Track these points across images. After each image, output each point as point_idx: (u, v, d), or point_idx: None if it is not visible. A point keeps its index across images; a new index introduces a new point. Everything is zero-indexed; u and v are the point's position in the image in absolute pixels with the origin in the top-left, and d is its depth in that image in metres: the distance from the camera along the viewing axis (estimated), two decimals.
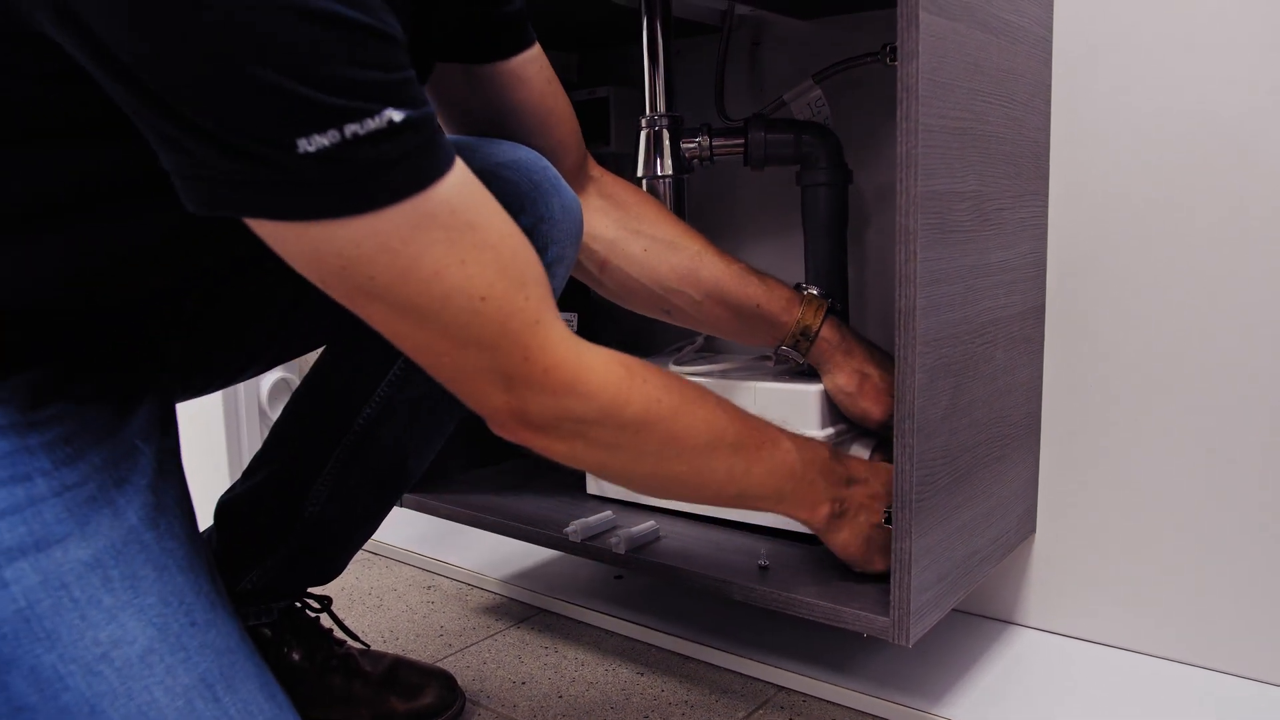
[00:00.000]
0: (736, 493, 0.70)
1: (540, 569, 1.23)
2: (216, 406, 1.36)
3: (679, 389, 0.63)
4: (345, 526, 0.82)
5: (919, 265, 0.70)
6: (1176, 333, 0.90)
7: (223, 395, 1.36)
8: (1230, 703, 0.86)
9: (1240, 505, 0.89)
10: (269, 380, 1.44)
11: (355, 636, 0.90)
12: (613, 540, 0.91)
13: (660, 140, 1.00)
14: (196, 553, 0.60)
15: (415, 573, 1.28)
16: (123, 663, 0.52)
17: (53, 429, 0.57)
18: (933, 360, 0.73)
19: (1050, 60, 0.93)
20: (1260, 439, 0.87)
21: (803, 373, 0.96)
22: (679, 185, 1.01)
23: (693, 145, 1.02)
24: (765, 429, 0.71)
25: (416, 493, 1.11)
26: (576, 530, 0.94)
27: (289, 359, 0.79)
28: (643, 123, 1.02)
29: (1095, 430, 0.96)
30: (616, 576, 1.20)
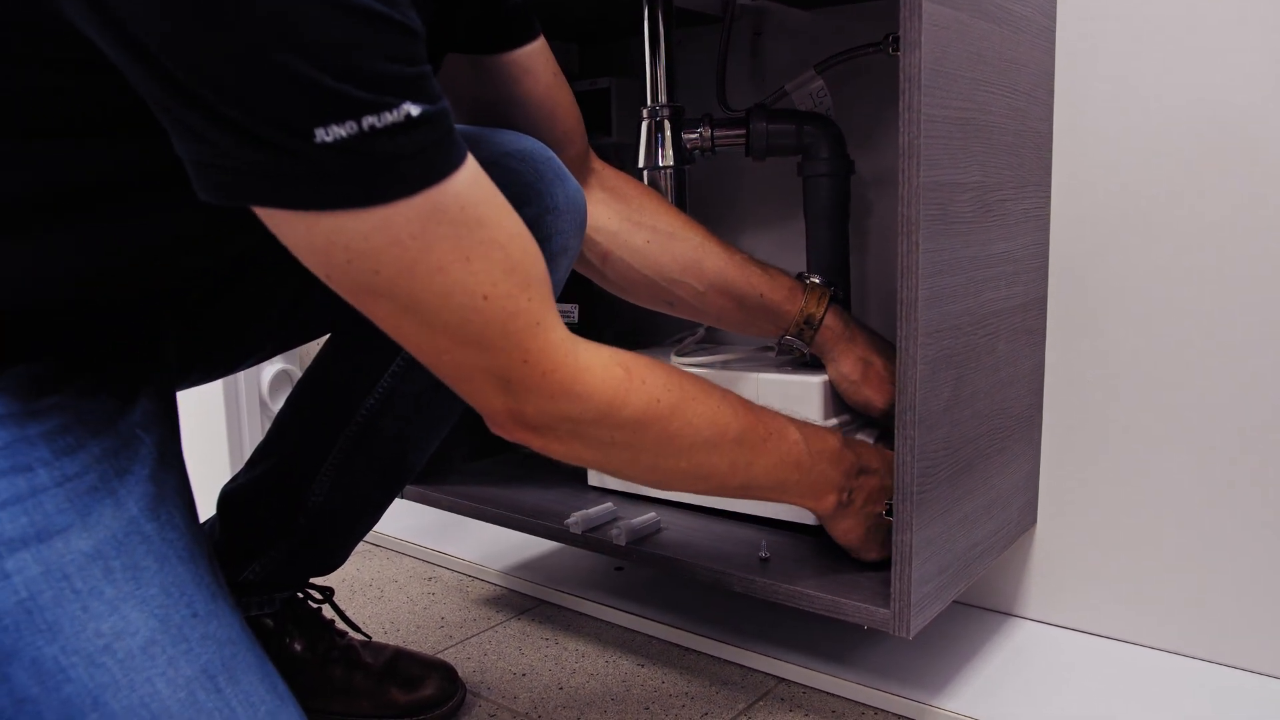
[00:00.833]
0: (740, 485, 0.70)
1: (541, 560, 1.23)
2: (217, 397, 1.36)
3: (680, 386, 0.63)
4: (348, 517, 0.82)
5: (921, 256, 0.70)
6: (1179, 327, 0.90)
7: (223, 386, 1.36)
8: (1229, 695, 0.86)
9: (1241, 500, 0.88)
10: (269, 371, 1.44)
11: (357, 628, 0.90)
12: (614, 532, 0.91)
13: (662, 131, 1.00)
14: (197, 543, 0.60)
15: (416, 564, 1.28)
16: (125, 654, 0.52)
17: (52, 419, 0.57)
18: (935, 352, 0.73)
19: (1053, 50, 0.93)
20: (1263, 435, 0.87)
21: (805, 364, 0.96)
22: (680, 176, 1.01)
23: (694, 136, 1.02)
24: (771, 420, 0.71)
25: (417, 484, 1.11)
26: (577, 522, 0.94)
27: (291, 348, 0.79)
28: (644, 113, 1.01)
29: (1097, 423, 0.96)
30: (617, 568, 1.20)
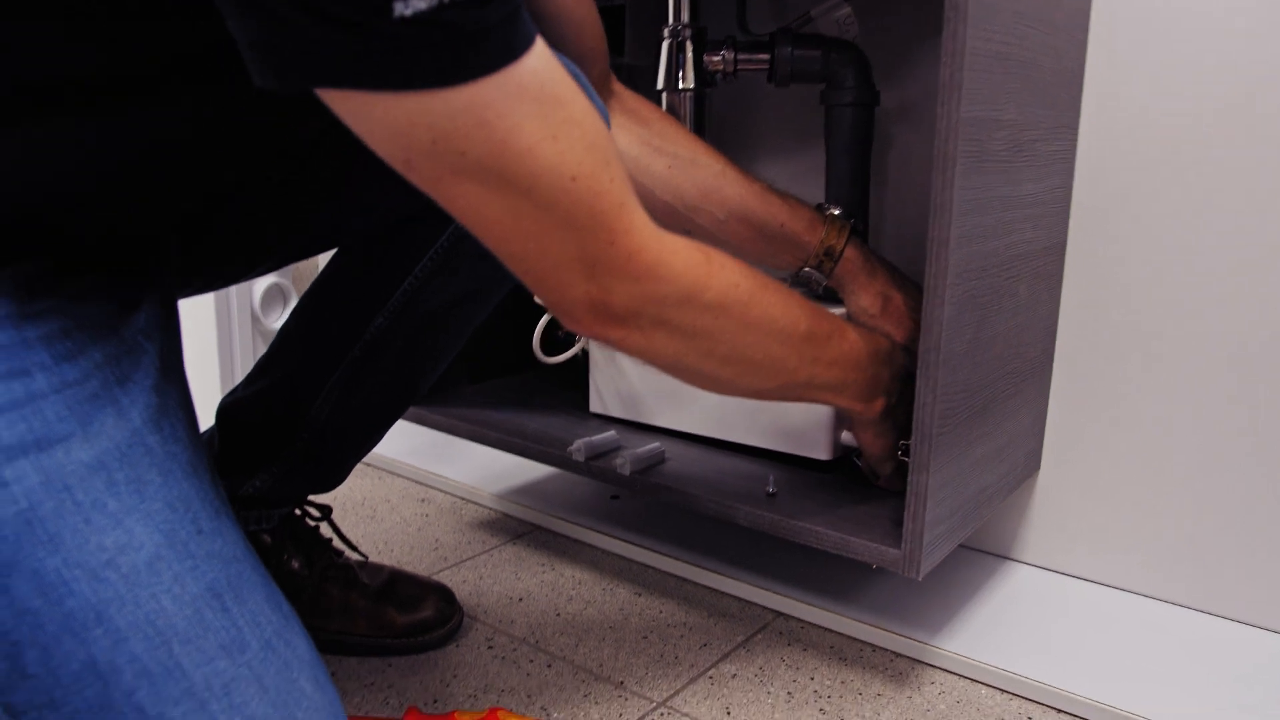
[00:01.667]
0: (804, 381, 0.69)
1: (535, 486, 1.22)
2: (208, 310, 1.33)
3: (754, 274, 0.62)
4: (351, 436, 0.80)
5: (955, 193, 0.67)
6: (1197, 279, 0.88)
7: (214, 298, 1.33)
8: (1219, 645, 0.87)
9: (1243, 458, 0.88)
10: (262, 285, 1.40)
11: (354, 547, 0.89)
12: (618, 461, 0.90)
13: (683, 52, 0.96)
14: (200, 458, 0.58)
15: (409, 485, 1.27)
16: (129, 569, 0.50)
17: (51, 322, 0.54)
18: (961, 292, 0.71)
19: None
20: (1272, 394, 0.86)
21: (819, 298, 0.94)
22: (700, 99, 0.97)
23: (716, 59, 0.98)
24: (832, 318, 0.70)
25: (415, 405, 1.09)
26: (581, 449, 0.93)
27: (298, 261, 0.76)
28: (665, 33, 0.97)
29: (1106, 372, 0.95)
30: (613, 497, 1.19)
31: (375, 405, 0.79)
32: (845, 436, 0.90)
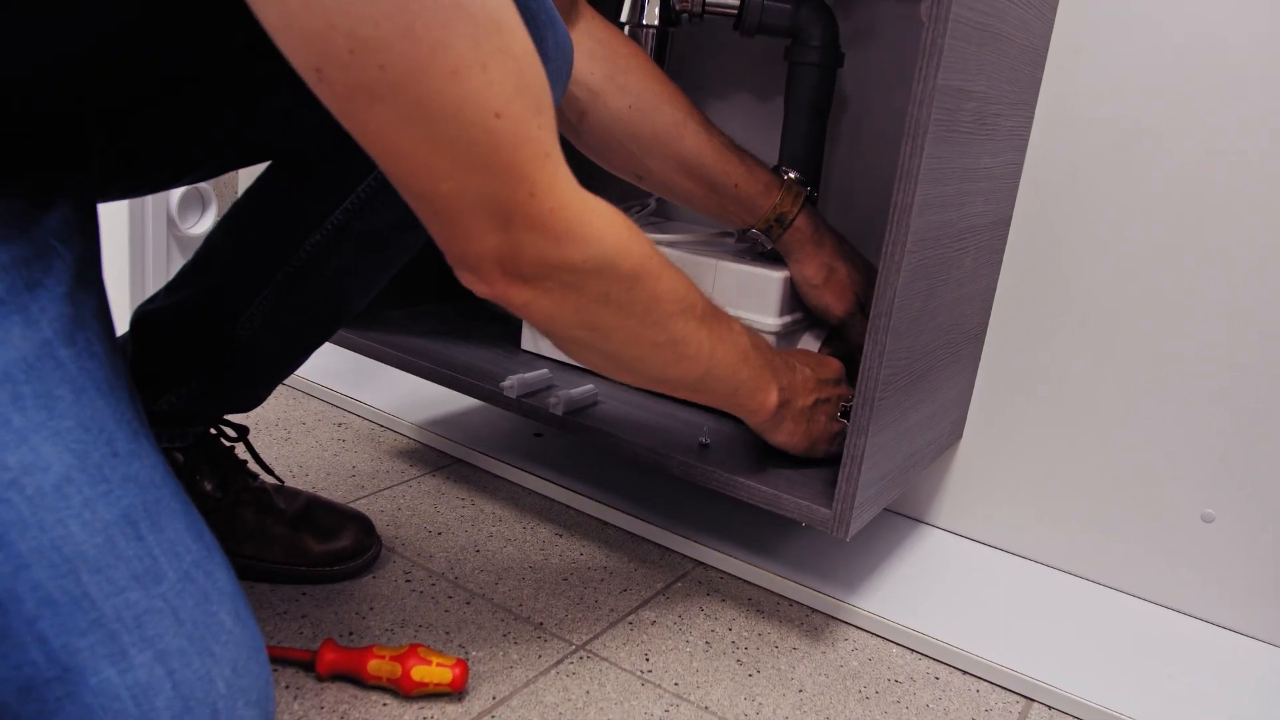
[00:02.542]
0: (703, 372, 0.67)
1: (457, 418, 1.20)
2: (121, 212, 1.25)
3: (658, 252, 0.59)
4: (276, 357, 0.76)
5: (924, 161, 0.66)
6: (1134, 263, 0.90)
7: (129, 203, 1.25)
8: (1120, 618, 0.91)
9: (1158, 440, 0.91)
10: (179, 189, 1.32)
11: (271, 471, 0.86)
12: (551, 400, 0.88)
13: None
14: (117, 375, 0.54)
15: (325, 408, 1.23)
16: (35, 491, 0.46)
17: None
18: (915, 260, 0.71)
19: None
20: (1194, 382, 0.89)
21: (764, 255, 0.93)
22: (663, 38, 0.94)
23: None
24: (719, 308, 0.68)
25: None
26: (513, 386, 0.90)
27: (228, 172, 0.71)
28: None
29: (1036, 347, 0.97)
30: (536, 434, 1.17)
31: (304, 325, 0.75)
32: None
